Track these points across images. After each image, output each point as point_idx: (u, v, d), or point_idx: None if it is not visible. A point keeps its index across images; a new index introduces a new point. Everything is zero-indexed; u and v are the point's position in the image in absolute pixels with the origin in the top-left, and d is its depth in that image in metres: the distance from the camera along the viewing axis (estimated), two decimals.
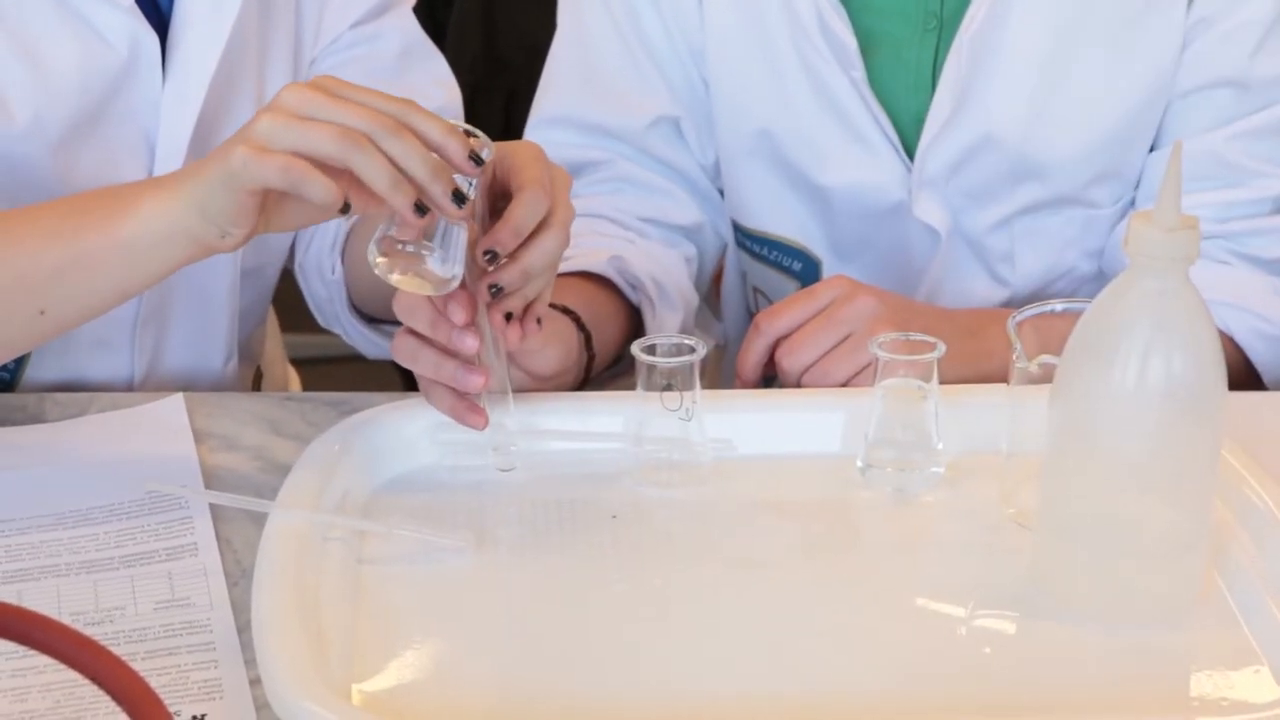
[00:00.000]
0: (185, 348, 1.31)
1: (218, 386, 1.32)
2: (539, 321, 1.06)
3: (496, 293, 1.03)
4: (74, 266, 1.04)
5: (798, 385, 1.20)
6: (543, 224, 1.03)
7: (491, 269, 1.03)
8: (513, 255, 1.03)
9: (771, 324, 1.21)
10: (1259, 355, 1.29)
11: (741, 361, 1.22)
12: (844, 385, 1.18)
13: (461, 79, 1.41)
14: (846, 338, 1.19)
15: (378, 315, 1.34)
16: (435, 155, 0.98)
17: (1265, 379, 1.30)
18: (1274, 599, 0.96)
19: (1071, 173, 1.32)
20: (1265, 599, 0.96)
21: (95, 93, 1.21)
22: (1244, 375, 1.30)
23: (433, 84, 1.36)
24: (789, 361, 1.19)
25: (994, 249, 1.35)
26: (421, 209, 0.98)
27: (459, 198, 0.98)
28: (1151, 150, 1.32)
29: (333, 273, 1.32)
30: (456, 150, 0.99)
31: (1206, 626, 0.96)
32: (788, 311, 1.21)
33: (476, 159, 0.99)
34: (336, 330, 1.37)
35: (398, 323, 1.07)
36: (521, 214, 1.02)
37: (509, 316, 1.04)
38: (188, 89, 1.23)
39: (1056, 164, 1.31)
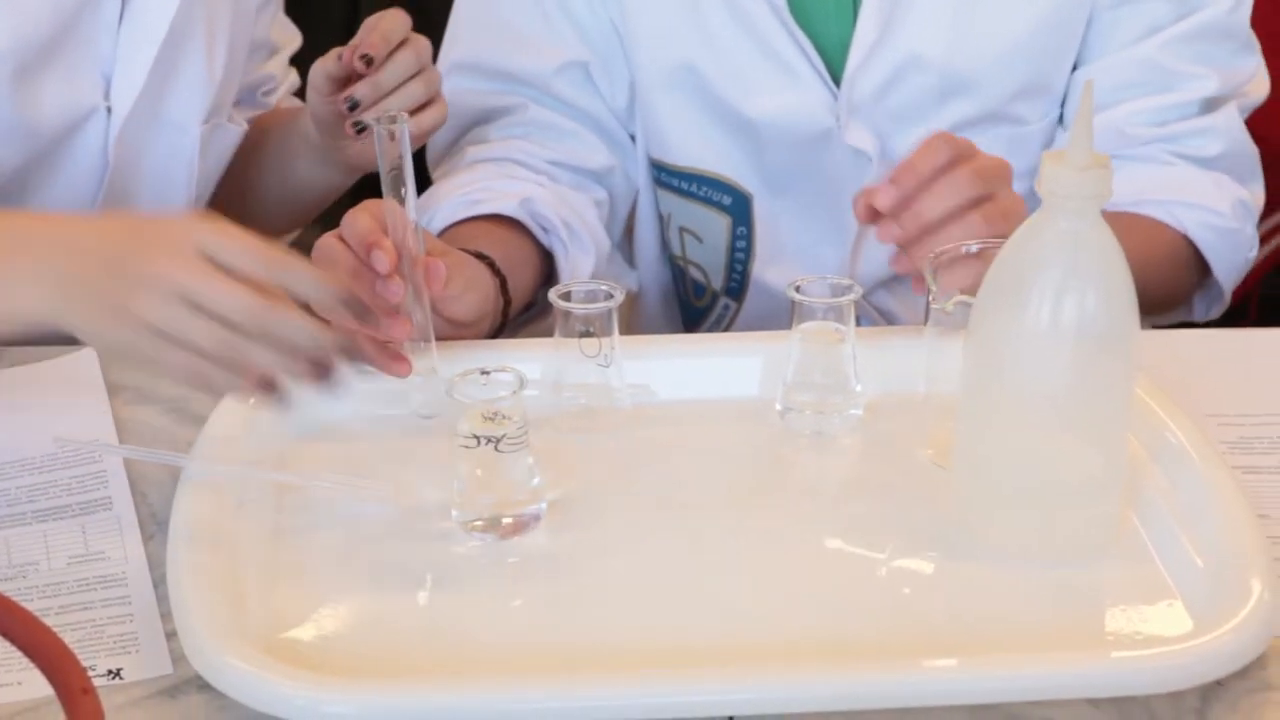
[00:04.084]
0: None
1: None
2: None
3: (353, 107, 1.15)
4: None
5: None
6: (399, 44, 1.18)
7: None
8: (369, 73, 1.17)
9: (955, 140, 1.11)
10: (1210, 247, 1.32)
11: (923, 165, 1.09)
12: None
13: None
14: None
15: None
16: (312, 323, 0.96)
17: (1217, 270, 1.33)
18: (1187, 534, 0.97)
19: (996, 86, 1.32)
20: (1179, 534, 0.97)
21: (62, 17, 1.22)
22: (1197, 271, 1.32)
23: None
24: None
25: None
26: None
27: (359, 312, 0.98)
28: (1075, 68, 1.33)
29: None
30: (329, 297, 0.97)
31: (1121, 562, 0.97)
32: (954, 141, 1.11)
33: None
34: None
35: None
36: (384, 26, 1.17)
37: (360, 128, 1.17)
38: (147, 20, 1.25)
39: (981, 78, 1.32)
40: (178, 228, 0.96)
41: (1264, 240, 2.12)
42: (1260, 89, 1.38)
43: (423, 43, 1.21)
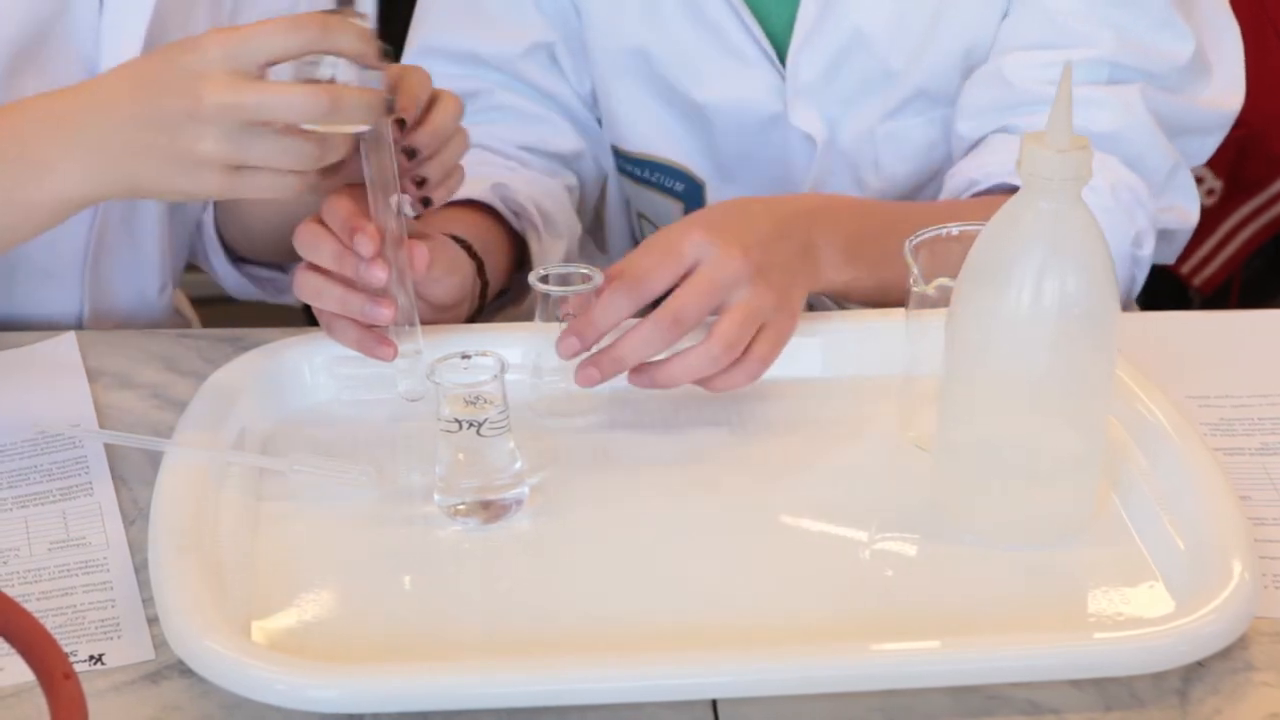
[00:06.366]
0: (124, 281, 1.30)
1: (156, 319, 1.32)
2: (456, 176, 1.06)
3: (413, 156, 1.04)
4: None
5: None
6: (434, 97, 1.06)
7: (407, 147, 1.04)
8: (418, 122, 1.04)
9: (641, 288, 1.05)
10: None
11: (601, 318, 1.04)
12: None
13: None
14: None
15: (248, 256, 1.33)
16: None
17: None
18: (1167, 514, 0.97)
19: (939, 60, 1.31)
20: (1159, 514, 0.97)
21: (40, 15, 1.20)
22: None
23: None
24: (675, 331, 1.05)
25: (862, 155, 1.34)
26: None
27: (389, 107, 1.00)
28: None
29: (203, 210, 1.32)
30: (372, 45, 0.99)
31: (1102, 543, 0.97)
32: (655, 273, 1.05)
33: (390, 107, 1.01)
34: (205, 268, 1.37)
35: (267, 264, 1.05)
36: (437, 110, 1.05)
37: (428, 203, 1.05)
38: (127, 13, 1.23)
39: (924, 53, 1.30)
40: (191, 54, 0.94)
41: (1242, 226, 2.13)
42: (1225, 102, 1.32)
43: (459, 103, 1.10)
